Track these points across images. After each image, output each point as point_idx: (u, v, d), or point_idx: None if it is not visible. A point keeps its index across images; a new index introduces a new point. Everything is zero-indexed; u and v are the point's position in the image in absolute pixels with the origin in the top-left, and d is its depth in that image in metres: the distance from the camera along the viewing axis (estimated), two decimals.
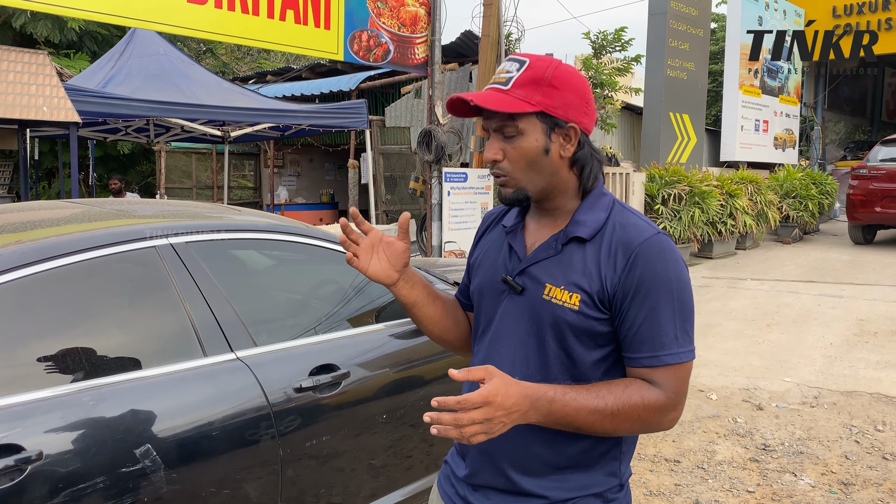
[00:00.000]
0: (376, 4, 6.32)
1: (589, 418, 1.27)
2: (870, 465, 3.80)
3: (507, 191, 1.40)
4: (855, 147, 16.82)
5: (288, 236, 2.73)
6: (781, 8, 13.81)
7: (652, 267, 1.30)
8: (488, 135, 1.39)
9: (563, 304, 1.33)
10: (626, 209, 1.41)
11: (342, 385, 2.52)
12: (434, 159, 6.81)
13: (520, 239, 1.45)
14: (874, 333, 6.01)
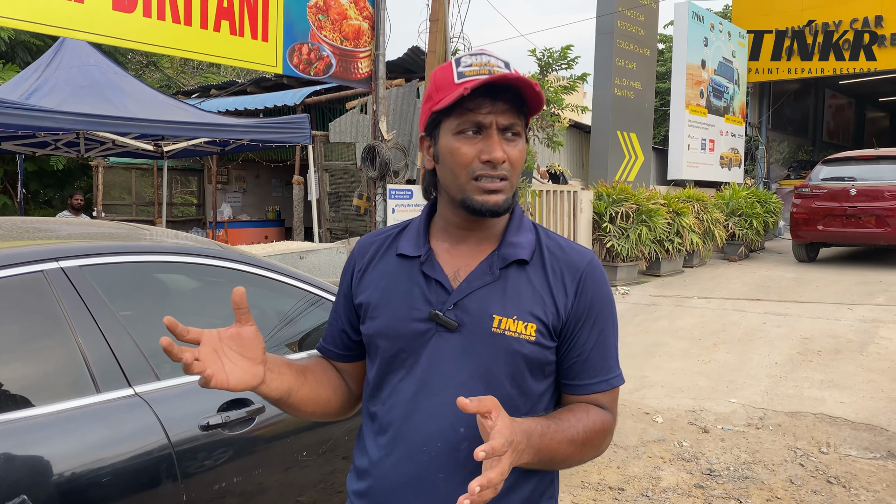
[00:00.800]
0: (317, 17, 6.15)
1: (567, 450, 1.18)
2: (814, 490, 3.73)
3: (499, 197, 1.20)
4: (798, 166, 17.24)
5: (200, 258, 2.52)
6: (726, 30, 14.10)
7: (599, 289, 1.27)
8: (478, 130, 1.19)
9: (518, 335, 1.20)
10: (549, 231, 1.33)
11: (256, 421, 2.32)
12: (378, 175, 6.64)
13: (438, 267, 1.25)
14: (818, 352, 6.02)
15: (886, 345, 6.10)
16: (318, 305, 2.82)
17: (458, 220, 1.26)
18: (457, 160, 1.19)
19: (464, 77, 1.16)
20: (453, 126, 1.19)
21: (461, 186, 1.21)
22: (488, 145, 1.17)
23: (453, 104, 1.17)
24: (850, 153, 11.13)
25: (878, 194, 9.61)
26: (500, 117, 1.17)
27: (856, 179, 9.96)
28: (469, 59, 1.19)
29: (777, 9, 14.64)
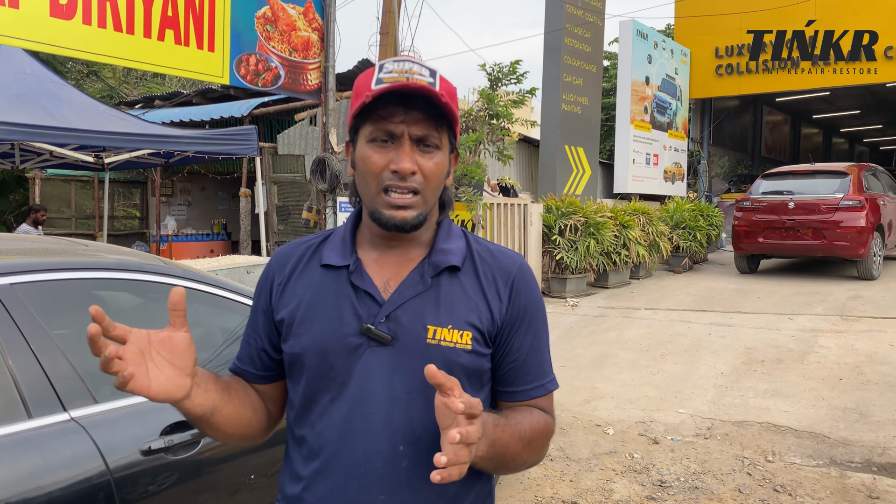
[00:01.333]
0: (265, 28, 6.06)
1: (516, 447, 1.16)
2: (762, 499, 3.79)
3: (410, 213, 1.15)
4: (738, 180, 17.75)
5: (141, 275, 2.42)
6: (669, 47, 14.47)
7: (531, 293, 1.25)
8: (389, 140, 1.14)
9: (454, 345, 1.16)
10: (478, 237, 1.30)
11: (202, 444, 2.23)
12: (328, 188, 6.56)
13: (367, 278, 1.20)
14: (761, 362, 6.16)
15: (826, 353, 6.28)
16: None
17: (380, 229, 1.21)
18: (367, 168, 1.15)
19: (381, 83, 1.12)
20: (367, 133, 1.16)
21: (372, 197, 1.17)
22: (398, 155, 1.13)
23: (369, 111, 1.13)
24: (788, 168, 11.50)
25: (814, 208, 9.94)
26: (412, 127, 1.13)
27: (794, 193, 10.29)
28: (391, 66, 1.15)
29: (718, 27, 15.10)
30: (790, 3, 14.28)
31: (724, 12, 14.87)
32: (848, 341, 6.60)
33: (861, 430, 4.62)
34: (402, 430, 1.14)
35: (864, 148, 29.63)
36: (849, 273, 10.52)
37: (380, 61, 1.23)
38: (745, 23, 14.93)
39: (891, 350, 6.22)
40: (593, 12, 11.63)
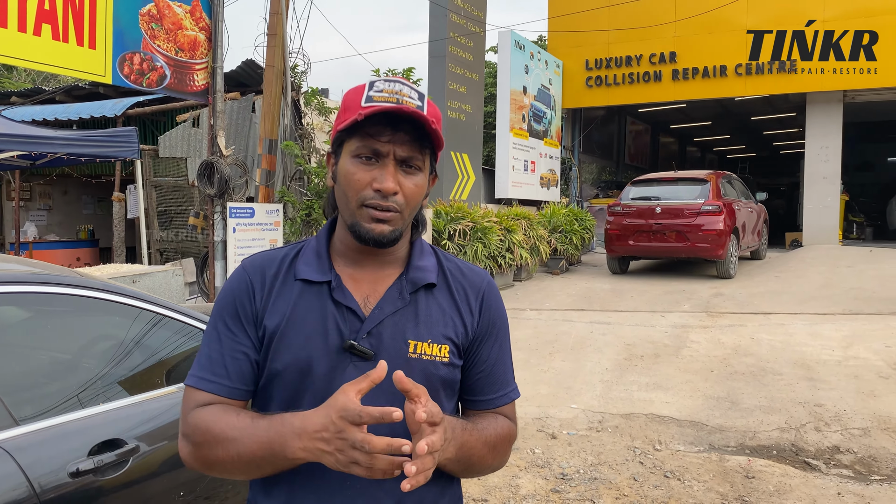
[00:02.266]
0: (150, 26, 5.80)
1: (482, 451, 1.22)
2: (655, 485, 4.08)
3: (385, 228, 1.18)
4: (605, 186, 18.78)
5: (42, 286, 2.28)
6: (544, 59, 15.11)
7: (497, 307, 1.32)
8: (374, 158, 1.17)
9: (434, 358, 1.22)
10: (445, 252, 1.37)
11: (130, 462, 2.15)
12: (217, 193, 6.36)
13: (349, 294, 1.22)
14: (641, 357, 6.58)
15: (696, 348, 6.81)
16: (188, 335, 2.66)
17: (356, 244, 1.24)
18: (350, 183, 1.18)
19: (371, 102, 1.16)
20: (353, 148, 1.19)
21: (352, 211, 1.20)
22: (382, 174, 1.17)
23: (357, 127, 1.17)
24: (655, 175, 12.33)
25: (678, 212, 10.70)
26: (398, 148, 1.17)
27: (660, 199, 11.04)
28: (382, 85, 1.19)
29: (588, 41, 15.94)
30: (652, 25, 15.32)
31: (592, 28, 15.72)
32: (715, 335, 7.18)
33: (734, 416, 5.07)
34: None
35: (714, 156, 32.15)
36: (709, 272, 11.42)
37: (371, 79, 1.25)
38: (612, 38, 15.85)
39: (752, 342, 6.84)
40: (475, 22, 11.95)
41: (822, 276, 10.57)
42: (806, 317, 7.82)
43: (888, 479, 4.11)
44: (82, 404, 2.20)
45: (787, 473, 4.20)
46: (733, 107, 19.44)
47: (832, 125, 14.67)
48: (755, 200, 13.20)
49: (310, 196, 7.48)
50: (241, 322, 1.23)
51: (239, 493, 2.58)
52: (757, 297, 9.14)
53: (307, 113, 8.22)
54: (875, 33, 13.71)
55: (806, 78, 14.37)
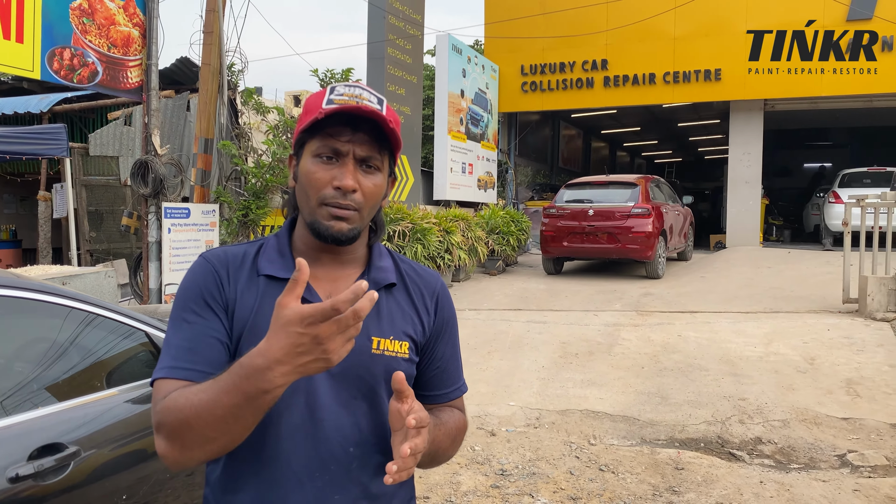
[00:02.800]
0: (81, 20, 5.63)
1: (445, 443, 1.28)
2: (591, 479, 4.23)
3: (344, 225, 1.22)
4: (540, 189, 19.13)
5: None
6: (481, 63, 15.30)
7: (449, 307, 1.40)
8: (334, 157, 1.21)
9: (395, 354, 1.28)
10: (396, 252, 1.43)
11: (71, 466, 2.13)
12: (151, 193, 6.22)
13: (314, 291, 1.25)
14: (575, 355, 6.78)
15: (628, 345, 7.05)
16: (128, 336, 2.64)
17: (316, 242, 1.27)
18: (311, 182, 1.22)
19: (331, 104, 1.21)
20: (314, 148, 1.23)
21: (312, 209, 1.23)
22: (342, 172, 1.21)
23: (318, 128, 1.21)
24: (588, 178, 12.65)
25: (610, 214, 11.03)
26: (357, 147, 1.21)
27: (592, 201, 11.35)
28: (342, 89, 1.24)
29: (523, 47, 16.22)
30: (585, 33, 15.72)
31: (528, 35, 16.01)
32: (645, 333, 7.45)
33: (663, 411, 5.29)
34: (351, 434, 1.24)
35: (643, 161, 33.15)
36: (639, 273, 11.80)
37: (331, 84, 1.30)
38: (546, 45, 16.17)
39: (679, 340, 7.13)
40: (414, 25, 12.02)
41: (744, 276, 11.07)
42: (730, 315, 8.19)
43: (805, 467, 4.38)
44: (20, 408, 2.17)
45: (714, 464, 4.42)
46: (661, 113, 20.12)
47: (754, 132, 15.37)
48: (682, 204, 13.71)
49: (247, 196, 7.40)
50: (211, 307, 1.21)
51: (179, 498, 2.58)
52: (684, 297, 9.50)
53: (244, 112, 8.12)
54: (803, 37, 14.43)
55: (729, 86, 15.00)
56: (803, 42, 14.38)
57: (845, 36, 14.02)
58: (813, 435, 4.80)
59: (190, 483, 2.59)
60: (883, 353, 6.42)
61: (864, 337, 6.93)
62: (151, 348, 2.62)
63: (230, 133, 7.51)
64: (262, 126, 8.93)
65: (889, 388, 5.57)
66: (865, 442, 4.68)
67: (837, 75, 14.21)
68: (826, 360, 6.27)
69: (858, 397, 5.40)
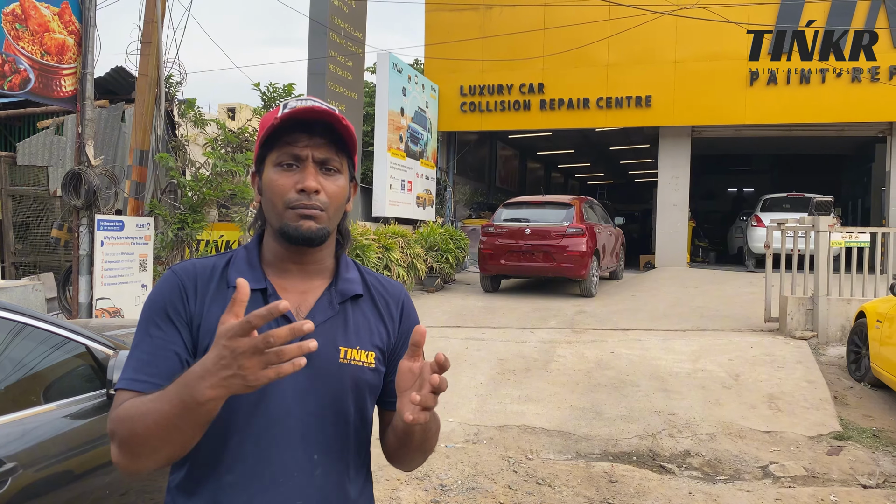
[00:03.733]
0: (14, 26, 5.47)
1: (434, 431, 1.31)
2: (528, 492, 4.31)
3: (312, 224, 1.26)
4: (478, 207, 19.37)
5: None
6: (421, 82, 15.46)
7: (413, 316, 1.44)
8: (295, 164, 1.26)
9: (361, 364, 1.31)
10: (360, 264, 1.47)
11: (9, 483, 2.08)
12: (84, 204, 6.05)
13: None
14: (513, 371, 6.89)
15: (563, 362, 7.20)
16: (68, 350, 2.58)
17: (285, 252, 1.31)
18: (275, 190, 1.26)
19: (311, 103, 1.27)
20: (274, 158, 1.28)
21: (279, 214, 1.27)
22: (303, 175, 1.25)
23: (275, 140, 1.26)
24: (525, 198, 12.90)
25: (546, 234, 11.25)
26: (315, 151, 1.26)
27: (529, 221, 11.57)
28: (294, 104, 1.28)
29: (462, 67, 16.48)
30: (522, 58, 16.08)
31: (467, 57, 16.29)
32: (579, 350, 7.63)
33: (598, 426, 5.44)
34: (316, 442, 1.27)
35: (576, 182, 33.97)
36: (573, 291, 12.06)
37: (283, 100, 1.34)
38: (485, 66, 16.48)
39: (612, 357, 7.33)
40: (355, 42, 12.08)
41: (672, 295, 11.46)
42: (660, 333, 8.48)
43: (731, 479, 4.58)
44: None
45: (646, 477, 4.58)
46: (594, 137, 20.71)
47: (682, 157, 16.00)
48: (614, 224, 14.12)
49: (183, 210, 7.26)
50: (173, 323, 1.25)
51: None
52: (616, 315, 9.78)
53: (181, 124, 7.99)
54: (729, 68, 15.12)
55: (659, 113, 15.60)
56: (728, 72, 15.09)
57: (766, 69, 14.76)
58: (738, 447, 5.02)
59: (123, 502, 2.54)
60: (801, 369, 6.77)
61: (784, 354, 7.29)
62: (92, 362, 2.57)
63: (167, 145, 7.39)
64: (199, 139, 8.80)
65: (807, 402, 5.88)
66: (786, 454, 4.92)
67: (760, 104, 14.96)
68: (749, 376, 6.57)
69: (779, 411, 5.68)
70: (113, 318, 5.65)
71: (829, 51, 13.82)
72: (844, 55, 13.85)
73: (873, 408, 5.92)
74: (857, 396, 6.21)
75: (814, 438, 5.19)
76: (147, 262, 6.45)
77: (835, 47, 13.80)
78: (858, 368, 6.64)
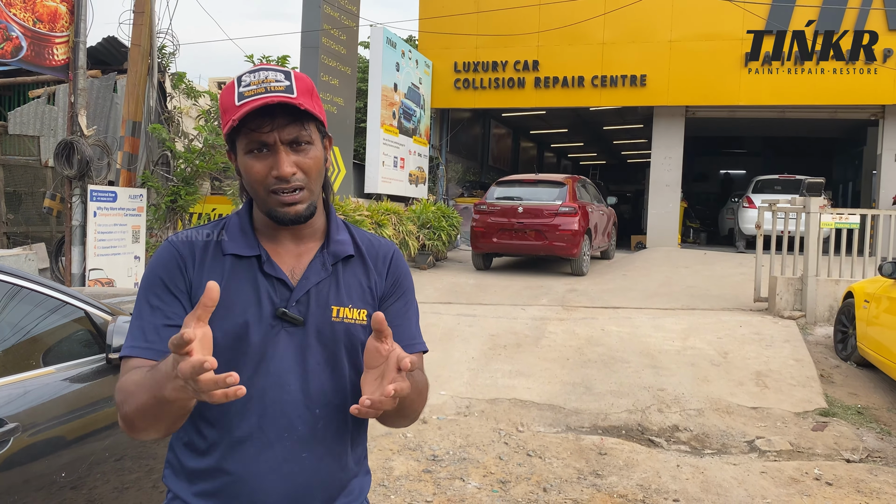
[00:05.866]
0: None
1: (413, 394, 1.30)
2: (519, 463, 4.38)
3: (299, 207, 1.30)
4: (470, 186, 19.34)
5: None
6: (415, 58, 15.34)
7: (403, 271, 1.47)
8: (264, 148, 1.26)
9: (354, 321, 1.35)
10: (352, 225, 1.50)
11: (10, 442, 2.11)
12: (77, 175, 6.02)
13: (276, 266, 1.34)
14: (504, 347, 6.94)
15: (554, 338, 7.26)
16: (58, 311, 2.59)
17: (275, 224, 1.35)
18: (251, 177, 1.29)
19: (243, 98, 1.25)
20: (243, 145, 1.29)
21: (263, 200, 1.30)
22: (276, 161, 1.26)
23: (240, 126, 1.25)
24: (518, 176, 12.90)
25: (538, 212, 11.28)
26: (282, 133, 1.25)
27: (522, 199, 11.58)
28: (248, 78, 1.27)
29: (457, 44, 16.37)
30: (517, 33, 15.98)
31: (461, 32, 16.17)
32: (570, 327, 7.69)
33: (587, 400, 5.51)
34: (317, 396, 1.33)
35: (569, 162, 33.94)
36: (564, 270, 12.12)
37: (238, 74, 1.34)
38: (480, 42, 16.37)
39: (603, 334, 7.40)
40: (349, 15, 11.97)
41: (663, 275, 11.54)
42: (650, 311, 8.55)
43: (718, 452, 4.66)
44: None
45: (635, 450, 4.65)
46: (588, 116, 20.67)
47: (675, 137, 16.01)
48: (606, 204, 14.15)
49: (176, 182, 7.24)
50: (172, 292, 1.30)
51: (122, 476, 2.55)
52: (607, 293, 9.84)
53: (174, 96, 7.93)
54: (724, 48, 15.11)
55: (654, 92, 15.58)
56: (723, 52, 15.06)
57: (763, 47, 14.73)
58: (725, 423, 5.10)
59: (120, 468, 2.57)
60: (789, 348, 6.86)
61: (772, 333, 7.38)
62: (90, 327, 2.59)
63: (159, 117, 7.34)
64: (191, 111, 8.73)
65: (794, 380, 5.97)
66: (772, 429, 5.01)
67: (754, 86, 14.96)
68: (738, 354, 6.65)
69: (766, 388, 5.77)
70: (106, 288, 5.65)
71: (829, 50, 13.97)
72: (842, 49, 13.96)
73: (859, 386, 6.01)
74: (843, 375, 6.30)
75: (800, 415, 5.28)
76: (140, 234, 6.44)
77: (826, 37, 13.87)
78: (845, 348, 6.74)
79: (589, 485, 4.09)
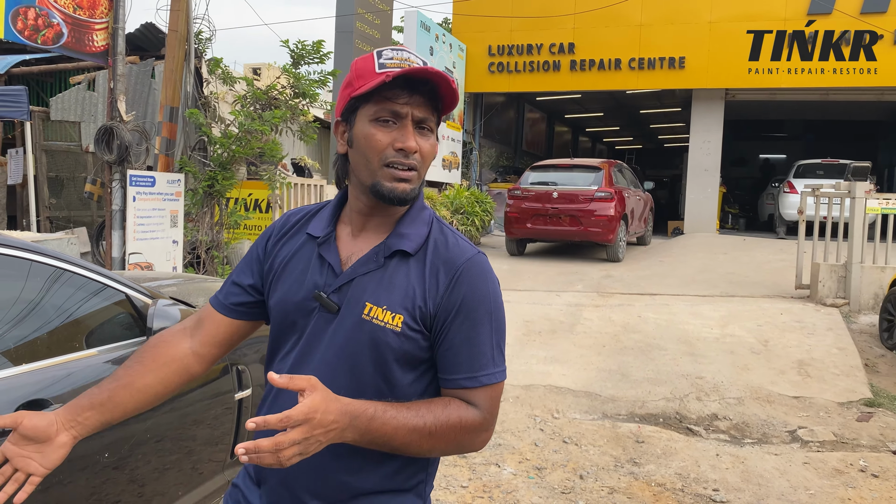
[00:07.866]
0: None
1: (407, 437, 1.21)
2: (555, 450, 4.35)
3: (407, 186, 1.26)
4: (503, 171, 19.22)
5: None
6: (448, 41, 15.25)
7: (474, 286, 1.27)
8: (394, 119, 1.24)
9: (384, 325, 1.25)
10: (446, 226, 1.38)
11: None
12: (116, 160, 6.10)
13: (333, 250, 1.32)
14: (539, 333, 6.90)
15: (589, 325, 7.19)
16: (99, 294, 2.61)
17: (362, 206, 1.32)
18: (371, 145, 1.24)
19: (385, 68, 1.22)
20: (371, 112, 1.25)
21: (373, 171, 1.26)
22: (402, 134, 1.23)
23: (372, 92, 1.23)
24: (553, 161, 12.77)
25: (573, 197, 11.16)
26: (416, 109, 1.24)
27: (557, 184, 11.47)
28: (390, 53, 1.26)
29: (491, 27, 16.22)
30: (553, 15, 15.77)
31: (496, 14, 16.00)
32: (606, 314, 7.61)
33: (624, 387, 5.45)
34: (336, 387, 1.22)
35: (604, 147, 33.52)
36: (599, 256, 12.00)
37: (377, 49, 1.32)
38: (515, 25, 16.20)
39: (639, 320, 7.30)
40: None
41: (701, 261, 11.35)
42: (687, 298, 8.41)
43: (758, 442, 4.57)
44: (5, 364, 2.15)
45: (673, 438, 4.58)
46: (625, 100, 20.35)
47: (714, 120, 15.68)
48: (643, 189, 13.94)
49: (213, 167, 7.30)
50: (251, 258, 1.45)
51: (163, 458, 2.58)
52: (643, 280, 9.71)
53: (210, 81, 7.98)
54: (759, 35, 14.73)
55: (693, 75, 15.26)
56: (765, 40, 14.67)
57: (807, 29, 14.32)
58: (766, 412, 5.00)
59: (160, 449, 2.60)
60: (832, 336, 6.69)
61: (814, 321, 7.21)
62: (131, 310, 2.61)
63: (196, 102, 7.39)
64: (227, 97, 8.79)
65: (837, 369, 5.82)
66: (815, 419, 4.90)
67: (796, 72, 14.56)
68: (779, 342, 6.51)
69: (809, 377, 5.64)
70: (146, 272, 5.74)
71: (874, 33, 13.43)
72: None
73: None
74: (888, 364, 6.13)
75: (843, 405, 5.15)
76: (178, 219, 6.52)
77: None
78: (891, 336, 6.55)
79: (626, 472, 4.04)
